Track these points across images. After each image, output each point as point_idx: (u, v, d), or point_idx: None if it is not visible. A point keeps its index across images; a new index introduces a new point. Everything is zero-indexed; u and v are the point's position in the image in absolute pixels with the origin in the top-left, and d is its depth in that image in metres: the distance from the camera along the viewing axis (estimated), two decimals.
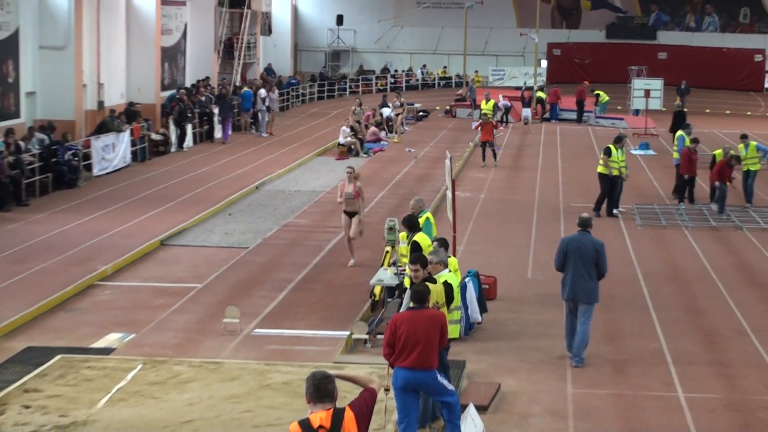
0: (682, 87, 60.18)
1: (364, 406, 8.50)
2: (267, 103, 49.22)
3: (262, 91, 49.83)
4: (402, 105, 49.67)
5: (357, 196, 22.72)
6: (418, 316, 12.21)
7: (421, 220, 18.34)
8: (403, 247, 18.09)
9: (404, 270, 17.06)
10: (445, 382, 12.56)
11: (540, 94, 58.13)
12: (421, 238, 17.30)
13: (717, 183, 30.25)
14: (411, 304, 12.51)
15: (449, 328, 13.63)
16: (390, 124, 48.72)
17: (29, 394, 14.69)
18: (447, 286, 14.44)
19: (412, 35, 75.98)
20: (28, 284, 20.99)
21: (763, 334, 18.35)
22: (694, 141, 32.73)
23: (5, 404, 14.17)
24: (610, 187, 29.21)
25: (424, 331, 12.05)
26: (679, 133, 33.92)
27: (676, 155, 32.81)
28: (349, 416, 8.23)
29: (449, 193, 20.52)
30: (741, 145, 32.33)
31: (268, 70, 65.15)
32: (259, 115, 48.80)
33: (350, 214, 22.59)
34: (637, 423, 14.34)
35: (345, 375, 9.13)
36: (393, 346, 12.09)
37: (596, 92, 57.18)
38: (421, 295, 12.45)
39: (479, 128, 40.46)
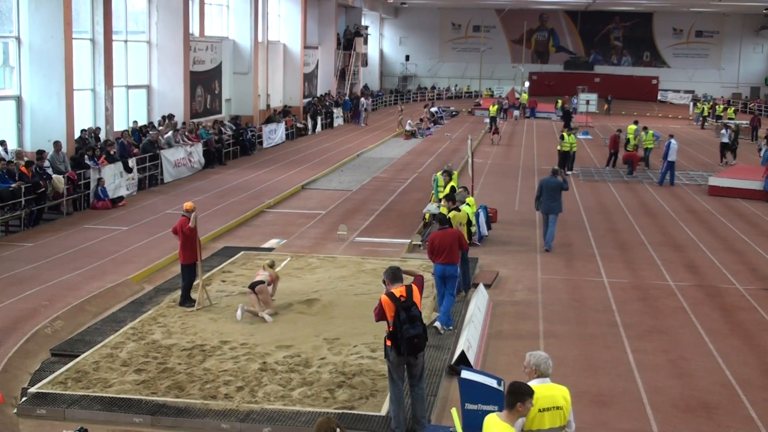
0: (609, 98, 59.10)
1: (419, 283, 8.75)
2: (365, 106, 48.93)
3: (363, 99, 49.68)
4: (428, 111, 48.45)
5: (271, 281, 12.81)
6: (444, 233, 11.97)
7: (453, 176, 18.10)
8: (441, 191, 18.00)
9: (441, 204, 16.90)
10: (459, 272, 12.37)
11: (524, 97, 57.31)
12: (455, 182, 17.13)
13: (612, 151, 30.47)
14: (438, 227, 12.30)
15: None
16: (435, 119, 48.23)
17: (225, 273, 14.75)
18: (468, 218, 14.34)
19: (449, 67, 74.80)
20: (225, 210, 21.03)
21: (655, 246, 17.96)
22: (618, 130, 31.94)
23: (211, 279, 14.21)
24: (563, 157, 28.59)
25: (448, 243, 11.82)
26: (633, 127, 32.10)
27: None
28: (414, 288, 8.48)
29: (470, 159, 20.36)
30: (643, 133, 31.50)
31: (365, 87, 64.57)
32: (361, 113, 48.41)
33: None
34: (578, 295, 14.05)
35: (406, 269, 9.25)
36: (432, 252, 11.93)
37: (557, 100, 56.16)
38: (442, 221, 12.34)
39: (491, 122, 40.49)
